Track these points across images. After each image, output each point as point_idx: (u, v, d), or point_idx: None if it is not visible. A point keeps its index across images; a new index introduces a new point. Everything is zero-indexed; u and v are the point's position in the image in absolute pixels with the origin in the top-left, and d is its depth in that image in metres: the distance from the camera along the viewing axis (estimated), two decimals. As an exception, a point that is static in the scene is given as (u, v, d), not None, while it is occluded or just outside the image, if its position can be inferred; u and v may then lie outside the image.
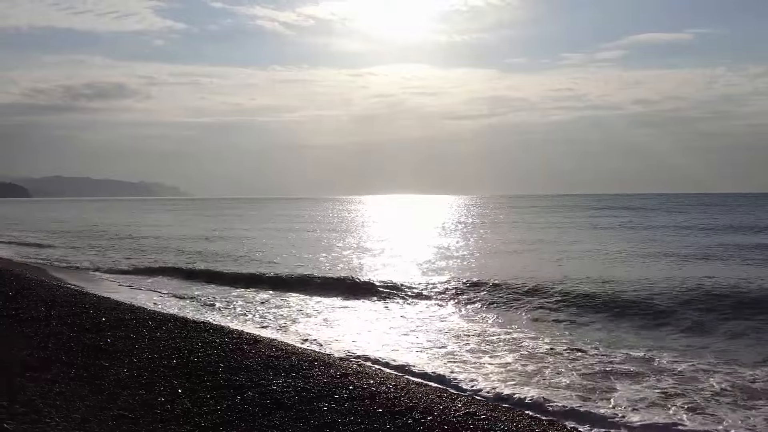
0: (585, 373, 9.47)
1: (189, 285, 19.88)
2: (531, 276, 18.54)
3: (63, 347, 8.96)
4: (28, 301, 12.88)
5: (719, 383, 8.88)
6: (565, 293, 15.87)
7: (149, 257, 28.17)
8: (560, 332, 12.56)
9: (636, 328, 12.80)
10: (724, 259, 23.20)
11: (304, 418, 6.57)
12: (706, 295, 15.05)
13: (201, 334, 10.44)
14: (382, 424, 6.49)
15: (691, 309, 13.93)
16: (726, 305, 14.10)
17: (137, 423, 6.24)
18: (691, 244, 29.72)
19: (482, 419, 6.85)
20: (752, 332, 12.10)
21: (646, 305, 14.42)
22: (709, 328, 12.58)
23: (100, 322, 10.98)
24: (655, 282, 17.01)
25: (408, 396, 7.60)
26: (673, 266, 21.42)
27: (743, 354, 10.64)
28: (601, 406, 7.93)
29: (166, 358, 8.69)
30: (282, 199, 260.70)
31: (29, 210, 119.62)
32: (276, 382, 7.82)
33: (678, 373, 9.42)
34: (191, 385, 7.52)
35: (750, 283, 16.71)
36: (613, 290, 16.06)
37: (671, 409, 7.83)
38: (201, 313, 14.57)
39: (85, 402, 6.69)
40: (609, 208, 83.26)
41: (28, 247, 34.49)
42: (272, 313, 14.90)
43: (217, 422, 6.35)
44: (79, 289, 16.31)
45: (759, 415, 7.63)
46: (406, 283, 18.20)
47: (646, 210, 73.64)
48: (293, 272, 21.25)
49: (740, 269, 20.29)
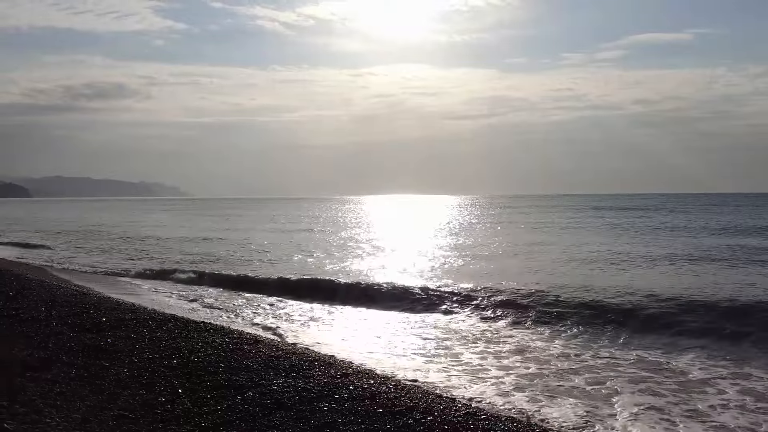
0: (588, 377, 9.50)
1: (197, 288, 19.73)
2: (536, 280, 18.54)
3: (63, 347, 8.95)
4: (28, 301, 12.89)
5: (729, 389, 8.83)
6: (567, 296, 15.70)
7: (159, 258, 28.11)
8: (563, 336, 12.50)
9: (642, 333, 12.53)
10: (740, 265, 22.16)
11: (305, 418, 6.57)
12: (724, 301, 14.49)
13: (201, 334, 10.44)
14: (383, 424, 6.49)
15: (704, 315, 13.45)
16: (746, 312, 13.52)
17: (138, 423, 6.24)
18: (693, 245, 29.67)
19: (482, 419, 6.85)
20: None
21: (654, 309, 14.09)
22: (725, 335, 12.19)
23: (101, 322, 10.98)
24: (663, 286, 16.80)
25: (408, 396, 7.59)
26: (678, 269, 21.31)
27: (758, 360, 10.45)
28: (603, 410, 7.94)
29: (166, 358, 8.69)
30: (282, 199, 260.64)
31: (30, 210, 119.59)
32: (276, 382, 7.82)
33: (687, 381, 9.38)
34: (192, 385, 7.52)
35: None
36: (619, 294, 15.75)
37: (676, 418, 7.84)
38: (214, 317, 14.26)
39: (85, 402, 6.69)
40: (609, 208, 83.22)
41: (32, 249, 34.43)
42: (284, 315, 14.82)
43: (218, 422, 6.35)
44: (79, 290, 16.29)
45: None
46: (422, 288, 17.83)
47: (649, 210, 73.56)
48: (304, 276, 20.83)
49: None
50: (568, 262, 24.03)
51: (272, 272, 22.16)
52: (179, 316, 12.94)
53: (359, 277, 20.85)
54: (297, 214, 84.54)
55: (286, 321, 14.23)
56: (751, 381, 9.31)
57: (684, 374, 9.68)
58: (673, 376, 9.56)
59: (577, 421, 7.62)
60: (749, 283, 17.56)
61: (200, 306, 16.10)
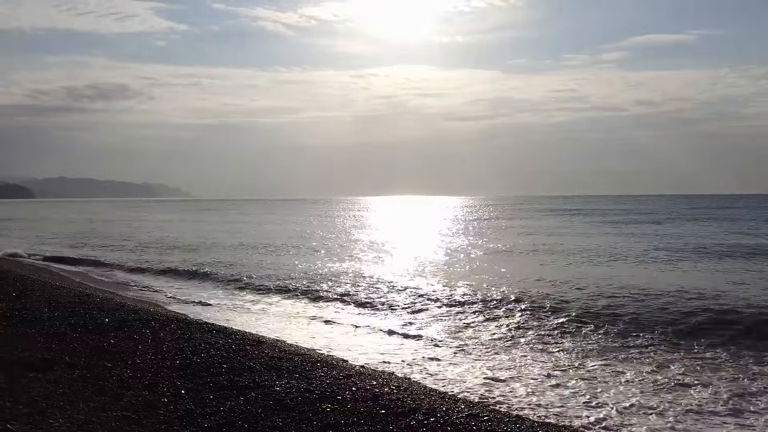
0: (589, 381, 9.48)
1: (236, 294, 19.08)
2: (541, 283, 18.51)
3: (66, 348, 8.97)
4: (32, 301, 12.92)
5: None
6: (571, 300, 15.60)
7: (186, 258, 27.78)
8: (566, 341, 12.33)
9: (651, 339, 12.07)
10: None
11: (307, 419, 6.56)
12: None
13: (204, 335, 10.44)
14: (386, 425, 6.48)
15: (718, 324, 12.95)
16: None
17: (140, 424, 6.24)
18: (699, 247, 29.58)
19: (485, 420, 6.83)
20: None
21: (666, 314, 13.77)
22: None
23: (104, 323, 11.00)
24: (670, 290, 16.72)
25: (411, 397, 7.58)
26: (670, 269, 21.28)
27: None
28: (605, 415, 7.92)
29: (169, 359, 8.69)
30: (287, 200, 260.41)
31: (34, 210, 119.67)
32: (279, 383, 7.82)
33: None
34: (194, 386, 7.52)
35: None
36: (629, 299, 15.44)
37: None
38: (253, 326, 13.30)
39: (88, 403, 6.69)
40: (610, 210, 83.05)
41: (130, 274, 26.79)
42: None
43: (221, 423, 6.35)
44: (82, 290, 16.32)
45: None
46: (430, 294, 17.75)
47: (654, 214, 73.38)
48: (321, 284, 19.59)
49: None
50: (571, 266, 23.97)
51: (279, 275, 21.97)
52: (181, 316, 12.95)
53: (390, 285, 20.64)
54: (324, 214, 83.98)
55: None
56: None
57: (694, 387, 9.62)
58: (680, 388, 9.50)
59: (575, 419, 7.61)
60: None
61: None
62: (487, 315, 14.42)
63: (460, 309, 15.13)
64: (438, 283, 19.15)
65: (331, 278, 20.73)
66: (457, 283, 18.82)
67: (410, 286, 18.56)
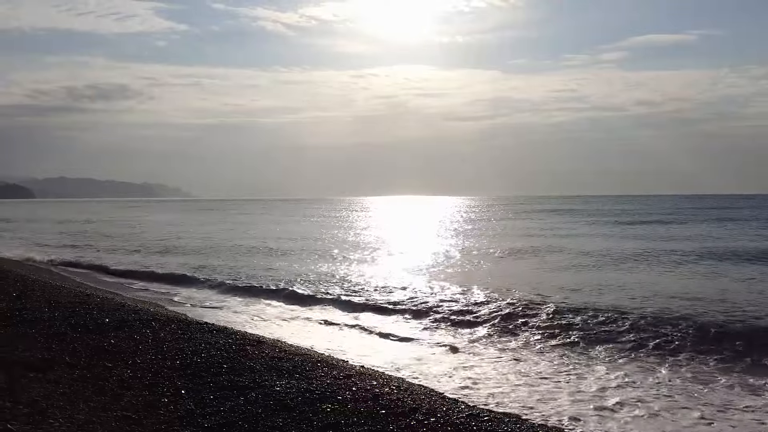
0: (596, 384, 9.49)
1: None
2: (545, 286, 18.43)
3: (67, 348, 8.97)
4: (32, 301, 12.92)
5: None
6: (579, 303, 15.31)
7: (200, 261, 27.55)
8: (572, 344, 12.17)
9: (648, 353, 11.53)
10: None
11: (308, 419, 6.56)
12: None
13: (204, 335, 10.44)
14: (386, 425, 6.48)
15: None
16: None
17: (140, 424, 6.24)
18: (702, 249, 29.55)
19: (485, 421, 6.83)
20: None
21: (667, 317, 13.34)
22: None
23: (104, 323, 11.00)
24: (671, 293, 16.70)
25: (411, 397, 7.58)
26: (672, 274, 21.20)
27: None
28: (609, 418, 7.93)
29: (169, 359, 8.69)
30: (287, 200, 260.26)
31: (32, 210, 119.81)
32: (279, 383, 7.82)
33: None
34: (195, 386, 7.52)
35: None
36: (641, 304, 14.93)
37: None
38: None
39: (88, 403, 6.69)
40: (611, 211, 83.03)
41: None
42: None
43: (221, 423, 6.35)
44: (83, 290, 16.32)
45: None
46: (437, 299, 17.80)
47: (654, 214, 73.39)
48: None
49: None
50: (572, 269, 23.92)
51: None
52: (182, 316, 12.95)
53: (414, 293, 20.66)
54: (336, 215, 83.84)
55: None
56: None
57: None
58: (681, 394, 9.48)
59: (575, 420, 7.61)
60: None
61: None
62: (487, 315, 14.41)
63: (460, 309, 15.12)
64: (438, 283, 19.14)
65: (331, 279, 20.73)
66: (457, 283, 18.83)
67: (410, 286, 18.54)
